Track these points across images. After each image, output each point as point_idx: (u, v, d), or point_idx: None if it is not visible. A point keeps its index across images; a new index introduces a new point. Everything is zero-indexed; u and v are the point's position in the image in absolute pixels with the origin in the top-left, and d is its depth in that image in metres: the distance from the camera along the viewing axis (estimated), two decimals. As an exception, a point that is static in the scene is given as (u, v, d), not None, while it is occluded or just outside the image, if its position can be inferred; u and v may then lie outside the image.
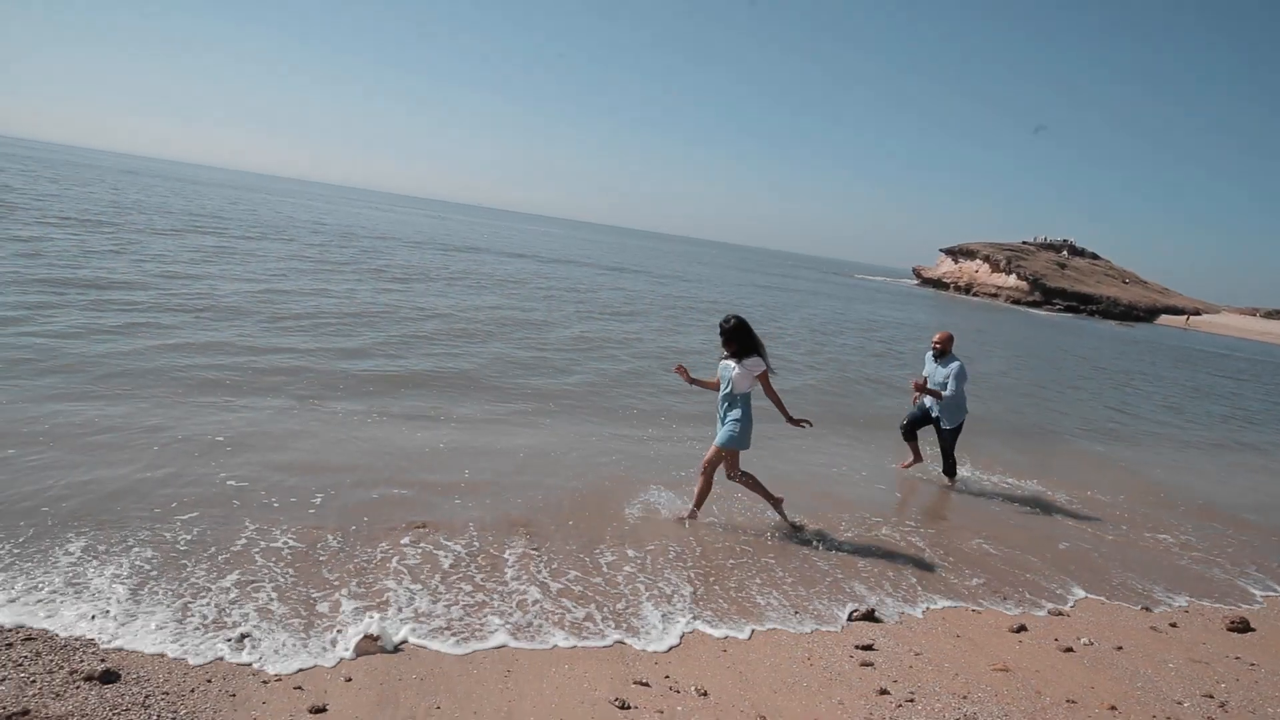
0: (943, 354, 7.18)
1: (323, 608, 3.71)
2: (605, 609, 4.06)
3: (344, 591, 3.88)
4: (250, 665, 3.22)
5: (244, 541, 4.29)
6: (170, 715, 2.88)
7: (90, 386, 6.67)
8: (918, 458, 7.48)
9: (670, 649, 3.77)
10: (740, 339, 5.35)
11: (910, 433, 7.44)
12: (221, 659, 3.23)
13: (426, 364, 9.45)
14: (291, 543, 4.35)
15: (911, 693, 3.61)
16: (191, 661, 3.19)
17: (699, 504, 5.53)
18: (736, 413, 5.37)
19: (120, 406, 6.29)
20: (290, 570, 4.04)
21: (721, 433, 5.40)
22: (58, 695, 2.92)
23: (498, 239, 47.37)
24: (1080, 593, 5.24)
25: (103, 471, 4.99)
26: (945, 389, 7.01)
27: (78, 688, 2.97)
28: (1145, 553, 6.27)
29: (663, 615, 4.06)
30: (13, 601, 3.47)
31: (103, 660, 3.14)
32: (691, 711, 3.28)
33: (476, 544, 4.63)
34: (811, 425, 5.56)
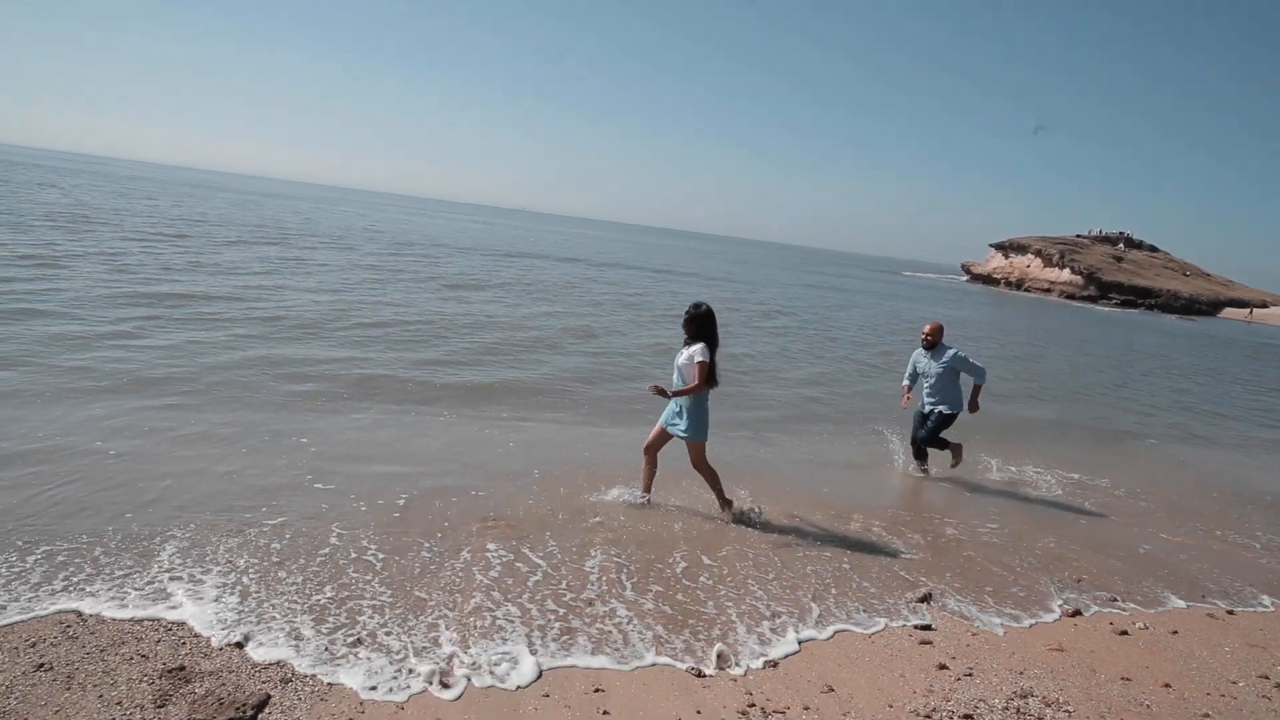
0: (933, 345, 7.11)
1: (419, 640, 3.61)
2: (701, 635, 3.91)
3: (440, 615, 3.84)
4: (357, 694, 3.20)
5: (331, 549, 4.42)
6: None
7: (185, 397, 7.16)
8: (925, 460, 7.39)
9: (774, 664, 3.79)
10: (699, 324, 5.38)
11: (921, 449, 7.32)
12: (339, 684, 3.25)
13: (497, 373, 9.80)
14: (381, 554, 4.44)
15: (970, 668, 3.83)
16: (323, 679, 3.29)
17: (720, 494, 5.60)
18: (687, 401, 5.41)
19: (212, 415, 6.73)
20: (387, 590, 4.03)
21: (679, 427, 5.45)
22: (205, 655, 3.35)
23: (545, 244, 48.08)
24: (1171, 597, 5.13)
25: (197, 476, 5.34)
26: (968, 372, 7.02)
27: (221, 649, 3.40)
28: (1223, 555, 6.12)
29: (759, 639, 3.95)
30: (135, 592, 3.92)
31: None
32: (763, 680, 3.57)
33: (557, 553, 4.69)
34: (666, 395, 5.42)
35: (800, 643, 3.96)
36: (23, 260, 13.43)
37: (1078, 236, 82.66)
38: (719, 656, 3.71)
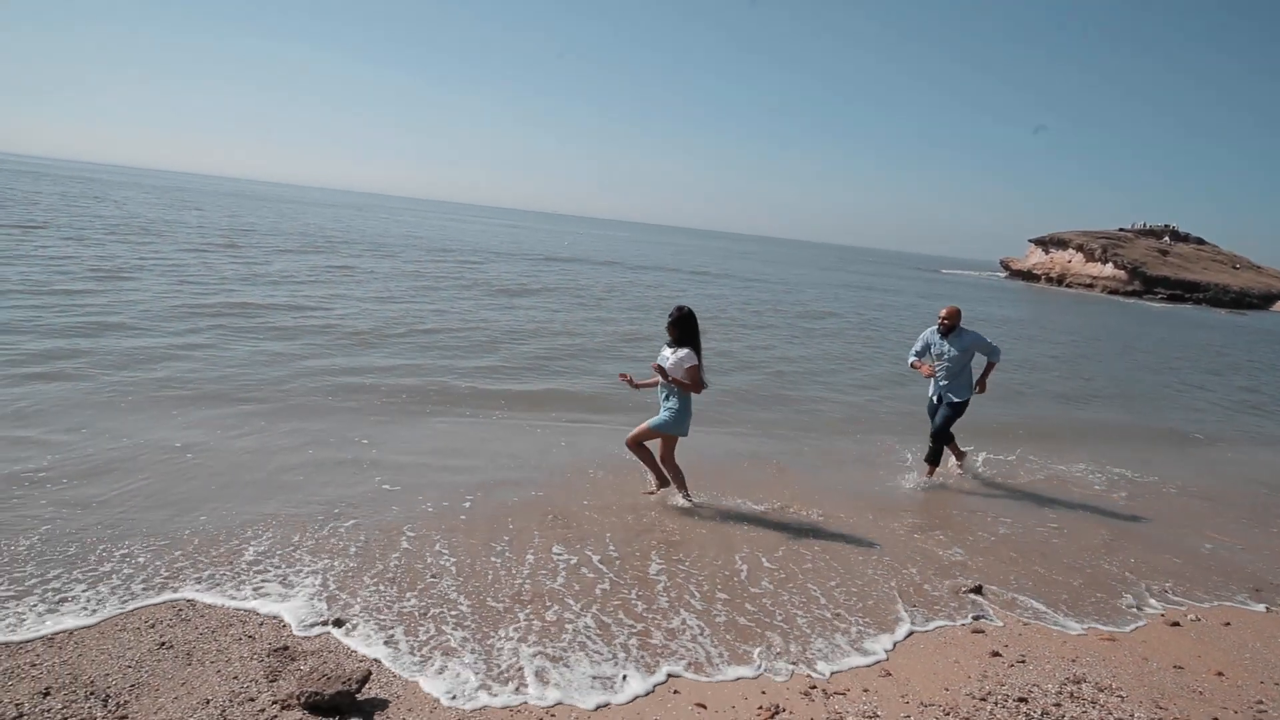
0: (951, 329, 6.95)
1: (501, 655, 3.63)
2: (777, 648, 3.89)
3: (517, 633, 3.79)
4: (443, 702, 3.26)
5: (404, 553, 4.58)
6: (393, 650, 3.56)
7: (256, 405, 7.51)
8: (934, 467, 7.12)
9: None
10: (683, 328, 5.59)
11: (938, 447, 7.04)
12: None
13: (550, 379, 10.02)
14: (453, 558, 4.57)
15: (1023, 655, 3.97)
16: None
17: (664, 476, 5.86)
18: (673, 402, 5.62)
19: (282, 422, 7.03)
20: (464, 598, 4.10)
21: (658, 417, 5.66)
22: (305, 639, 3.64)
23: (577, 247, 48.36)
24: (1224, 590, 5.17)
25: (273, 480, 5.60)
26: (986, 352, 7.01)
27: (318, 635, 3.69)
28: (1278, 552, 6.12)
29: (833, 649, 3.93)
30: (229, 586, 4.26)
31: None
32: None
33: (618, 558, 4.77)
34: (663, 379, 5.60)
35: (887, 652, 3.95)
36: (92, 273, 14.12)
37: (1120, 230, 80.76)
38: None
